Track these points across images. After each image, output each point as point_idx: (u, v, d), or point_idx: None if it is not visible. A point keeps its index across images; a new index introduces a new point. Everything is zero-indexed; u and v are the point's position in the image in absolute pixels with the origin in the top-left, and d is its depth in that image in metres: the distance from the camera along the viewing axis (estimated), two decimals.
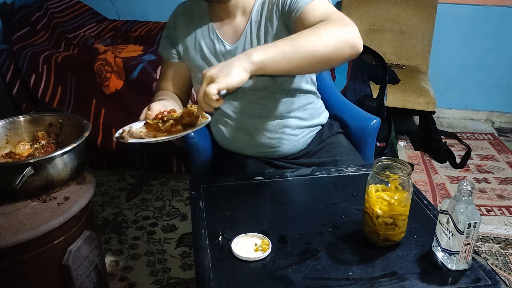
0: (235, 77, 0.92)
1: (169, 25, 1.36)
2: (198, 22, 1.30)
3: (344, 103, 1.58)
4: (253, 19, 1.22)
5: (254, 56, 0.94)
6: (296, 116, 1.33)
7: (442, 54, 3.11)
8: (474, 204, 0.83)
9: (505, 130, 3.15)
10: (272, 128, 1.31)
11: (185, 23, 1.32)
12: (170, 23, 1.36)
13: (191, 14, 1.31)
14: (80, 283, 1.07)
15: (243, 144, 1.34)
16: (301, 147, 1.37)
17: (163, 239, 1.92)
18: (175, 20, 1.34)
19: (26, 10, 2.72)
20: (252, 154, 1.35)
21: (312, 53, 0.98)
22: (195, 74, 1.33)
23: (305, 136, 1.36)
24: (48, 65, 2.40)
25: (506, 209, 2.17)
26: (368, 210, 0.92)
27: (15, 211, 1.01)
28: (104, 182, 2.38)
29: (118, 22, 3.09)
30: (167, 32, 1.36)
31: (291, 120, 1.32)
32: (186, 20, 1.32)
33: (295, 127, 1.33)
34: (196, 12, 1.31)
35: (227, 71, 0.92)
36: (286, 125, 1.32)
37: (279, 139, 1.32)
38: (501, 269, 1.77)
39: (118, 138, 1.03)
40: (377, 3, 2.97)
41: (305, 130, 1.36)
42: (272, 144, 1.33)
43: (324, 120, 1.44)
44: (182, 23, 1.32)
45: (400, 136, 2.89)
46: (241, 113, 1.31)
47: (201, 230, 0.98)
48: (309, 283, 0.83)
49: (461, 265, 0.86)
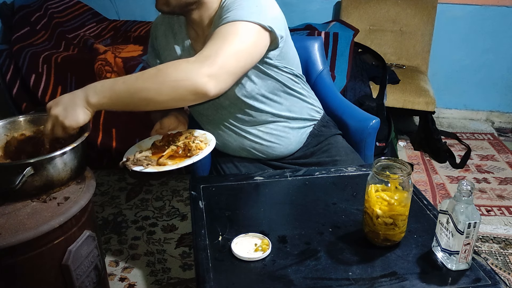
0: (80, 118, 1.00)
1: (152, 34, 1.36)
2: (176, 32, 1.29)
3: (343, 103, 1.58)
4: None
5: (91, 98, 1.00)
6: (283, 118, 1.31)
7: (442, 54, 3.11)
8: (474, 204, 0.83)
9: (505, 130, 3.15)
10: (260, 133, 1.31)
11: (164, 33, 1.31)
12: (152, 31, 1.36)
13: (170, 24, 1.31)
14: (80, 283, 1.07)
15: (237, 148, 1.34)
16: (296, 147, 1.37)
17: (163, 239, 1.92)
18: (156, 29, 1.34)
19: (26, 10, 2.72)
20: (249, 156, 1.35)
21: (146, 100, 0.98)
22: None
23: (297, 135, 1.35)
24: (48, 65, 2.40)
25: (506, 209, 2.17)
26: (368, 210, 0.92)
27: (15, 211, 1.01)
28: (104, 182, 2.38)
29: (118, 22, 3.09)
30: (150, 41, 1.37)
31: (279, 123, 1.31)
32: (165, 29, 1.31)
33: (284, 128, 1.32)
34: (175, 22, 1.29)
35: (71, 112, 0.98)
36: (274, 129, 1.31)
37: (271, 142, 1.32)
38: (501, 269, 1.77)
39: (124, 164, 1.08)
40: (377, 3, 2.97)
41: (296, 130, 1.35)
42: (264, 148, 1.33)
43: (317, 116, 1.41)
44: (161, 32, 1.32)
45: (400, 136, 2.89)
46: (227, 121, 1.31)
47: (201, 230, 0.98)
48: (309, 283, 0.83)
49: (461, 265, 0.86)
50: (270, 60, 1.20)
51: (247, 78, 1.20)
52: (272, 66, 1.22)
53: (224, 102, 1.26)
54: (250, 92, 1.23)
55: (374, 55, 2.63)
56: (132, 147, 1.19)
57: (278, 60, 1.21)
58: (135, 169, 1.05)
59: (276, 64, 1.22)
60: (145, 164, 1.06)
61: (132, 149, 1.18)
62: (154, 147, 1.15)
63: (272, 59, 1.20)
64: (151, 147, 1.16)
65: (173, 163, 1.06)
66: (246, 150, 1.34)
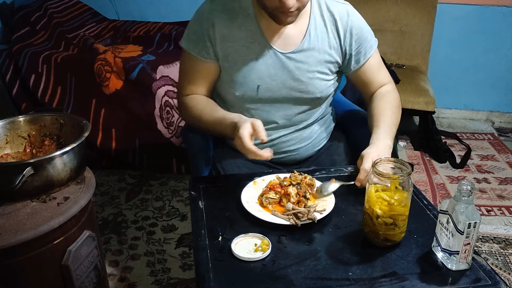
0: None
1: (205, 20, 1.22)
2: (242, 23, 1.22)
3: (344, 103, 1.58)
4: (312, 33, 1.23)
5: (390, 145, 1.16)
6: (318, 124, 1.36)
7: (442, 54, 3.11)
8: (474, 204, 0.83)
9: (505, 130, 3.15)
10: (294, 138, 1.33)
11: (226, 22, 1.21)
12: (206, 17, 1.22)
13: (234, 13, 1.22)
14: (80, 283, 1.07)
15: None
16: (311, 154, 1.39)
17: (163, 239, 1.92)
18: (214, 16, 1.22)
19: (26, 10, 2.72)
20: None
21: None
22: (231, 77, 1.25)
23: (318, 142, 1.38)
24: (48, 65, 2.40)
25: (506, 209, 2.16)
26: (368, 210, 0.92)
27: (15, 211, 1.01)
28: (104, 182, 2.37)
29: (118, 22, 3.09)
30: (200, 27, 1.22)
31: (313, 129, 1.35)
32: (228, 18, 1.22)
33: (314, 135, 1.35)
34: (239, 12, 1.22)
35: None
36: (309, 135, 1.34)
37: (298, 148, 1.34)
38: (501, 269, 1.77)
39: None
40: (377, 3, 2.97)
41: (322, 139, 1.39)
42: (290, 152, 1.34)
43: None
44: (222, 20, 1.21)
45: (400, 136, 2.89)
46: (274, 120, 1.30)
47: (201, 230, 0.98)
48: (309, 283, 0.83)
49: (461, 265, 0.86)
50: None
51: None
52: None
53: (292, 96, 1.28)
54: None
55: None
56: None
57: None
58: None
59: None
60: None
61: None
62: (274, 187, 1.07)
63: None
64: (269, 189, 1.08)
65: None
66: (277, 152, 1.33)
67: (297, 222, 0.97)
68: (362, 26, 1.29)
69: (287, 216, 0.99)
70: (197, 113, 1.25)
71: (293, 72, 1.24)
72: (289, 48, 1.23)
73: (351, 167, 1.24)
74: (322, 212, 1.01)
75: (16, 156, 1.20)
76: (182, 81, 1.31)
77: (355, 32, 1.26)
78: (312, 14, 1.24)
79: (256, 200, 1.07)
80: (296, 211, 1.00)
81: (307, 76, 1.24)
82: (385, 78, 1.36)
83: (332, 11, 1.25)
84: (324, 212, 1.01)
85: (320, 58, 1.25)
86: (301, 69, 1.24)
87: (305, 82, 1.25)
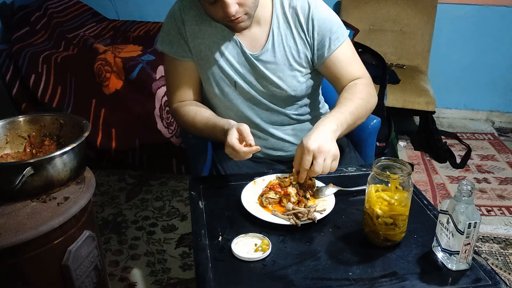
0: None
1: (175, 18, 1.23)
2: (212, 20, 1.21)
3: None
4: (275, 32, 1.23)
5: (334, 129, 1.09)
6: (312, 121, 1.35)
7: (442, 54, 3.11)
8: (474, 204, 0.83)
9: (505, 130, 3.15)
10: (289, 133, 1.33)
11: (196, 18, 1.22)
12: (175, 16, 1.23)
13: (203, 10, 1.20)
14: (80, 283, 1.07)
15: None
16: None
17: (163, 239, 1.92)
18: (183, 13, 1.22)
19: (26, 10, 2.72)
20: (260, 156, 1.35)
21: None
22: (207, 74, 1.25)
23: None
24: (48, 65, 2.40)
25: (506, 209, 2.16)
26: (368, 210, 0.92)
27: (15, 211, 1.01)
28: (104, 182, 2.37)
29: (118, 22, 3.09)
30: (173, 26, 1.23)
31: (306, 126, 1.34)
32: (197, 14, 1.22)
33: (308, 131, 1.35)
34: None
35: (331, 146, 1.05)
36: (303, 129, 1.34)
37: (293, 144, 1.33)
38: (501, 269, 1.77)
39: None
40: (377, 3, 2.97)
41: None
42: (285, 148, 1.34)
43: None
44: (191, 17, 1.22)
45: (400, 136, 2.89)
46: (261, 118, 1.30)
47: (201, 230, 0.98)
48: (309, 283, 0.83)
49: (461, 265, 0.86)
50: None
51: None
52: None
53: (279, 95, 1.28)
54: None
55: (374, 55, 2.63)
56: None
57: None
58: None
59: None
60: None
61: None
62: (274, 187, 1.08)
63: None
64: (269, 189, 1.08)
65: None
66: (266, 148, 1.33)
67: (297, 222, 0.97)
68: (325, 18, 1.22)
69: (287, 216, 0.99)
70: (189, 120, 1.25)
71: (263, 72, 1.23)
72: (256, 50, 1.23)
73: (351, 167, 1.24)
74: (322, 212, 1.01)
75: (16, 156, 1.20)
76: (169, 89, 1.32)
77: (317, 24, 1.22)
78: (275, 13, 1.23)
79: (256, 200, 1.07)
80: (296, 211, 1.00)
81: (278, 76, 1.24)
82: (357, 72, 1.26)
83: (294, 6, 1.22)
84: (324, 212, 1.01)
85: (287, 55, 1.24)
86: (270, 69, 1.23)
87: (277, 81, 1.24)
